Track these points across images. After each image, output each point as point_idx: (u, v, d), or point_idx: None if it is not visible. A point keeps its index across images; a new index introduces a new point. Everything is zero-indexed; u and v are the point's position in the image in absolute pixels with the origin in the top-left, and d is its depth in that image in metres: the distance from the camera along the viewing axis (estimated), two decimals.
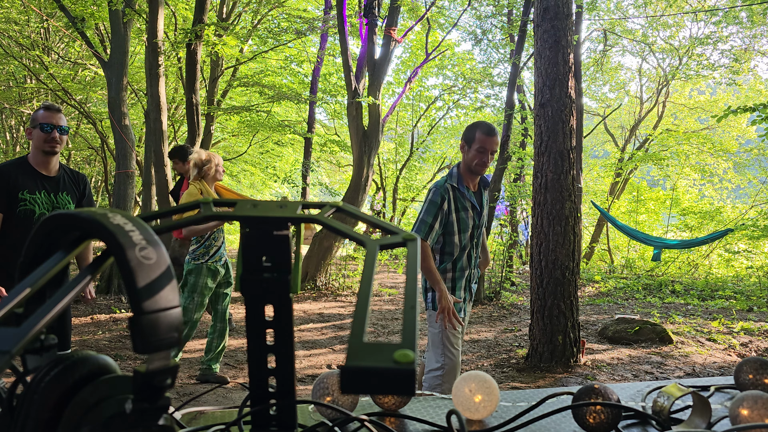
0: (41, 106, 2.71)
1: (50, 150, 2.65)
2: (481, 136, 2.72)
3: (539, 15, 4.84)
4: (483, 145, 2.71)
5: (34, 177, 2.66)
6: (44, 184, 2.67)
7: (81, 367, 0.45)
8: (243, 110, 11.99)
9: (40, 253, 0.45)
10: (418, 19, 10.17)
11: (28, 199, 2.62)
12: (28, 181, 2.63)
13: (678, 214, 14.03)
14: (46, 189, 2.67)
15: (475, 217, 2.85)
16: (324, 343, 5.44)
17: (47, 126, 2.63)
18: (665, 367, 4.75)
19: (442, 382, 2.74)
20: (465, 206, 2.80)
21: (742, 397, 0.82)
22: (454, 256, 2.83)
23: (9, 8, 10.92)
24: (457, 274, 2.85)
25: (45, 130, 2.63)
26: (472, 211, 2.84)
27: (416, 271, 0.43)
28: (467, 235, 2.82)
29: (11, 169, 2.62)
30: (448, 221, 2.77)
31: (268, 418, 0.62)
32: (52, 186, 2.70)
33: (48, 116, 2.64)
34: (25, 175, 2.63)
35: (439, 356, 2.76)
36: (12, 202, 2.59)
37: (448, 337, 2.76)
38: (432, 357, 2.80)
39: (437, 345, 2.77)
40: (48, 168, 2.70)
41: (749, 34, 14.19)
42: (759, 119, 6.17)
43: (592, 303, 8.00)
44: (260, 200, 0.56)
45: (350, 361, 0.33)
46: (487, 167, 2.81)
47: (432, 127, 16.07)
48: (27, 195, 2.61)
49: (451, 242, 2.80)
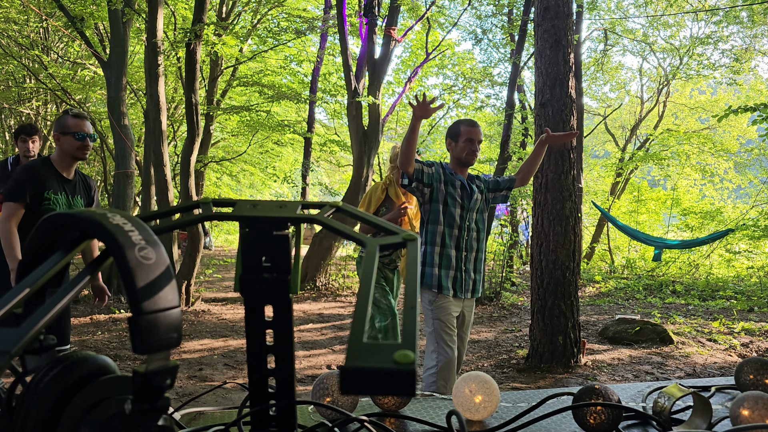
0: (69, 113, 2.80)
1: (81, 157, 2.77)
2: (466, 128, 2.93)
3: (540, 14, 4.84)
4: (469, 136, 2.90)
5: (57, 178, 2.77)
6: (65, 187, 2.78)
7: (80, 367, 0.45)
8: (242, 110, 11.99)
9: (39, 253, 0.45)
10: (418, 19, 10.17)
11: (51, 199, 2.72)
12: (53, 181, 2.74)
13: (679, 214, 14.01)
14: (66, 191, 2.79)
15: (465, 198, 2.88)
16: (324, 344, 5.44)
17: (79, 134, 2.73)
18: (666, 368, 4.75)
19: (437, 379, 2.74)
20: (454, 183, 2.87)
21: (742, 398, 0.82)
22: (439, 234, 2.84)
23: (8, 8, 10.92)
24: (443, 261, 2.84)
25: (78, 137, 2.73)
26: (461, 190, 2.88)
27: (416, 272, 0.43)
28: (456, 213, 2.84)
29: (40, 168, 2.73)
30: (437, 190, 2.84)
31: (267, 419, 0.62)
32: (71, 189, 2.81)
33: (80, 124, 2.75)
34: (51, 176, 2.74)
35: (432, 353, 2.79)
36: (38, 200, 2.69)
37: (440, 334, 2.78)
38: (427, 355, 2.83)
39: (431, 342, 2.81)
40: (69, 172, 2.82)
41: (750, 33, 14.20)
42: (760, 119, 6.16)
43: (592, 303, 8.00)
44: (260, 200, 0.56)
45: (350, 361, 0.33)
46: (476, 157, 2.94)
47: (432, 127, 16.06)
48: (51, 195, 2.72)
49: (437, 211, 2.83)
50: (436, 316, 2.80)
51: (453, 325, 2.82)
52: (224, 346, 5.17)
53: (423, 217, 2.91)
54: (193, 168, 6.73)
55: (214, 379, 4.20)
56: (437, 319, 2.80)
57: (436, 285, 2.82)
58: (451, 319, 2.81)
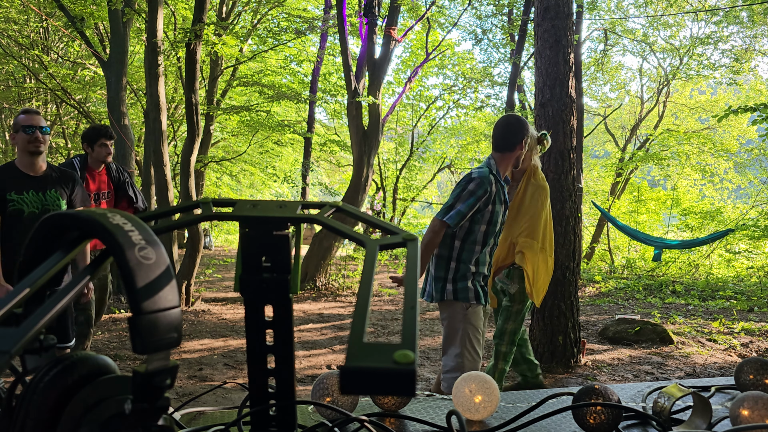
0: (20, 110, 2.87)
1: (35, 150, 2.79)
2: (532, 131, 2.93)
3: (540, 14, 4.84)
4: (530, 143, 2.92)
5: (20, 178, 2.80)
6: (31, 184, 2.81)
7: (80, 367, 0.45)
8: (243, 110, 11.99)
9: (39, 253, 0.45)
10: (419, 19, 10.17)
11: (15, 200, 2.76)
12: (14, 182, 2.78)
13: (679, 215, 14.01)
14: (34, 188, 2.81)
15: (503, 213, 2.78)
16: (324, 344, 5.44)
17: (29, 128, 2.77)
18: (666, 368, 4.75)
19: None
20: (501, 200, 2.74)
21: (742, 398, 0.82)
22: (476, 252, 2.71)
23: (8, 8, 10.92)
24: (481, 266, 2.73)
25: (27, 132, 2.77)
26: (503, 205, 2.77)
27: (416, 272, 0.43)
28: (495, 230, 2.74)
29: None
30: (484, 211, 2.67)
31: (267, 419, 0.62)
32: (40, 185, 2.83)
33: (28, 119, 2.79)
34: (11, 178, 2.79)
35: (457, 356, 2.65)
36: (2, 204, 2.74)
37: (470, 339, 2.66)
38: (449, 356, 2.68)
39: (455, 344, 2.67)
40: (34, 168, 2.84)
41: (750, 33, 14.21)
42: (760, 119, 6.16)
43: (592, 303, 8.00)
44: (260, 200, 0.56)
45: (350, 361, 0.33)
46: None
47: (432, 126, 16.06)
48: (14, 195, 2.76)
49: (476, 231, 2.68)
50: (469, 321, 2.68)
51: (483, 332, 2.74)
52: (224, 346, 5.17)
53: (457, 231, 2.71)
54: (193, 168, 6.73)
55: (214, 379, 4.20)
56: (471, 324, 2.67)
57: (473, 297, 2.70)
58: (481, 325, 2.72)
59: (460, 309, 2.69)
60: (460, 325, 2.67)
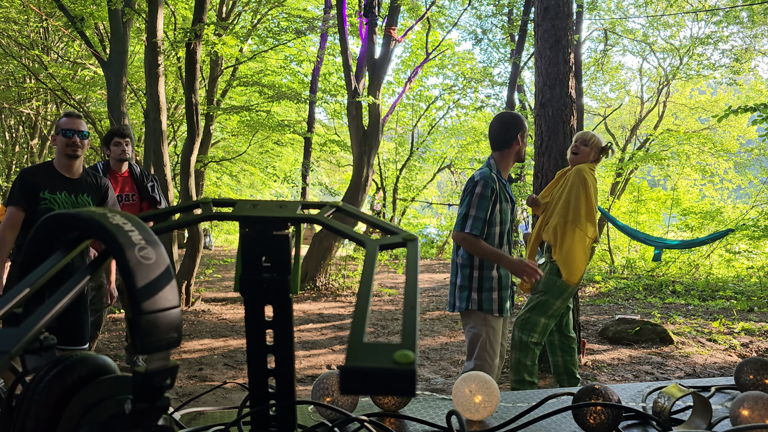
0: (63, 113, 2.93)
1: (72, 153, 2.84)
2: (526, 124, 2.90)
3: (540, 14, 4.84)
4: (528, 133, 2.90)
5: (56, 179, 2.84)
6: (65, 185, 2.85)
7: (80, 367, 0.45)
8: (243, 110, 11.99)
9: (39, 253, 0.45)
10: (419, 19, 10.17)
11: (48, 199, 2.79)
12: (49, 182, 2.82)
13: (679, 215, 14.00)
14: (67, 190, 2.85)
15: (511, 211, 2.78)
16: (324, 344, 5.44)
17: (69, 131, 2.82)
18: (666, 368, 4.75)
19: None
20: (506, 197, 2.75)
21: (742, 398, 0.82)
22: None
23: (8, 8, 10.92)
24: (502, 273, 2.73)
25: (67, 135, 2.82)
26: (510, 203, 2.78)
27: (416, 272, 0.43)
28: (506, 228, 2.74)
29: (35, 171, 2.85)
30: (493, 212, 2.69)
31: (267, 419, 0.62)
32: (74, 187, 2.87)
33: (69, 123, 2.84)
34: (47, 177, 2.83)
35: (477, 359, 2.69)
36: (34, 201, 2.77)
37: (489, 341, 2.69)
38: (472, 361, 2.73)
39: (473, 348, 2.72)
40: (71, 171, 2.88)
41: (750, 33, 14.20)
42: (760, 119, 6.16)
43: (592, 303, 8.00)
44: (260, 200, 0.56)
45: (350, 361, 0.33)
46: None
47: (432, 126, 16.07)
48: (47, 195, 2.79)
49: (492, 234, 2.69)
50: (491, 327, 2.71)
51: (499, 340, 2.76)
52: (224, 346, 5.17)
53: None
54: (193, 168, 6.73)
55: (214, 379, 4.20)
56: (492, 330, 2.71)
57: (497, 310, 2.71)
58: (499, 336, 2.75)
59: (484, 318, 2.72)
60: (482, 331, 2.71)
